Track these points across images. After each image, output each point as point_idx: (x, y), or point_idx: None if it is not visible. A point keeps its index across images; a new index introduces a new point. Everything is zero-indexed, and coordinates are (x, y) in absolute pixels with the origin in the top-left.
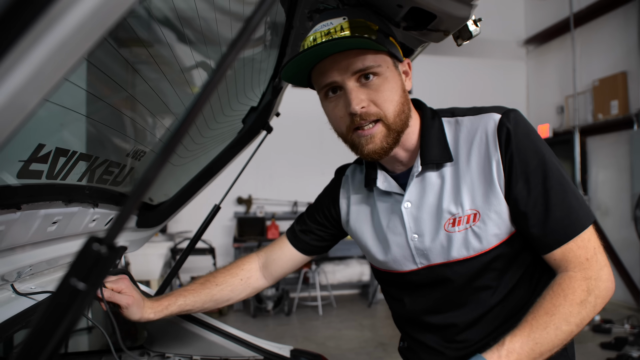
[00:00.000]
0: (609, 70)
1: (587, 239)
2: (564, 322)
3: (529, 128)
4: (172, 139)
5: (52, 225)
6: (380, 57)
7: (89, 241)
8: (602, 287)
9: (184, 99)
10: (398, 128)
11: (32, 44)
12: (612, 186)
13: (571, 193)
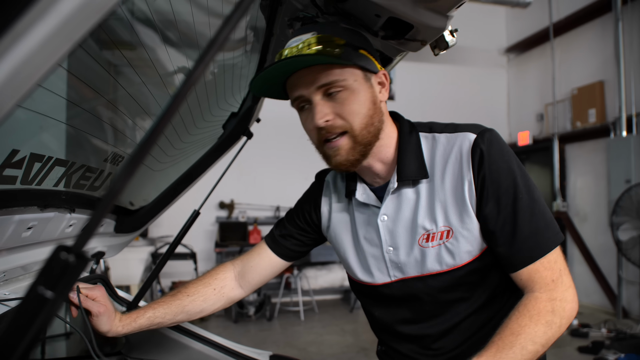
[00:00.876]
0: (587, 79)
1: (554, 261)
2: (530, 342)
3: (503, 149)
4: (140, 148)
5: (27, 230)
6: (346, 71)
7: (57, 250)
8: (567, 308)
9: (162, 102)
10: (365, 140)
11: (6, 49)
12: (590, 193)
13: (540, 215)
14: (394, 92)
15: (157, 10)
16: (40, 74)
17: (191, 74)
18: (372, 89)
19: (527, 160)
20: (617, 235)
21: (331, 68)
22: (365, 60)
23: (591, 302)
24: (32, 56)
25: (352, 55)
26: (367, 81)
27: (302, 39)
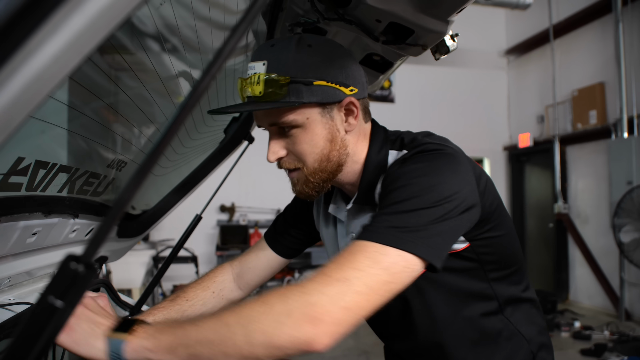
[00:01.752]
0: (588, 80)
1: (376, 264)
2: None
3: (424, 170)
4: (148, 159)
5: (32, 236)
6: (297, 111)
7: (67, 260)
8: (312, 321)
9: (164, 108)
10: (320, 178)
11: (19, 63)
12: (591, 194)
13: (425, 217)
14: (394, 94)
15: (161, 16)
16: (51, 86)
17: (198, 84)
18: (332, 123)
19: (528, 162)
20: (619, 237)
21: (279, 108)
22: (322, 92)
23: (593, 304)
24: (44, 70)
25: (302, 92)
26: (325, 115)
27: (255, 69)
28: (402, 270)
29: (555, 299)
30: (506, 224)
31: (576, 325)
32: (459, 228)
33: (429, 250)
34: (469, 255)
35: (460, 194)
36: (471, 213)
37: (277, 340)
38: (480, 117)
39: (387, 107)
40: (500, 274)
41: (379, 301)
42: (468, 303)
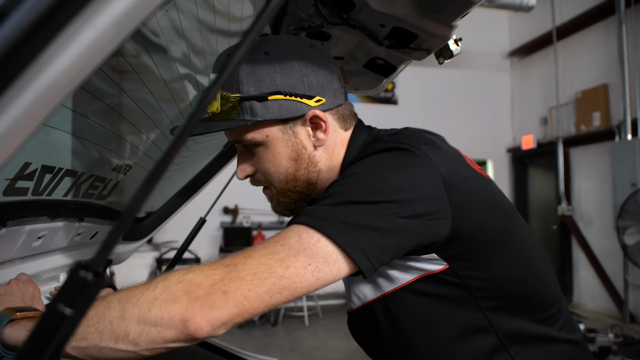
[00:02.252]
0: (591, 82)
1: (295, 251)
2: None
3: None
4: (157, 167)
5: (37, 240)
6: (253, 129)
7: (76, 268)
8: (200, 314)
9: (168, 113)
10: (290, 197)
11: (33, 76)
12: (595, 196)
13: (354, 212)
14: (397, 96)
15: (166, 21)
16: (63, 95)
17: (209, 91)
18: (295, 139)
19: (531, 164)
20: (623, 240)
21: (238, 127)
22: (279, 107)
23: (597, 306)
24: (57, 80)
25: (256, 109)
26: (287, 132)
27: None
28: (299, 254)
29: None
30: (517, 252)
31: (580, 328)
32: (402, 235)
33: (342, 237)
34: (451, 279)
35: (405, 194)
36: (427, 222)
37: (148, 315)
38: (484, 119)
39: (390, 109)
40: (499, 304)
41: (268, 291)
42: (455, 335)
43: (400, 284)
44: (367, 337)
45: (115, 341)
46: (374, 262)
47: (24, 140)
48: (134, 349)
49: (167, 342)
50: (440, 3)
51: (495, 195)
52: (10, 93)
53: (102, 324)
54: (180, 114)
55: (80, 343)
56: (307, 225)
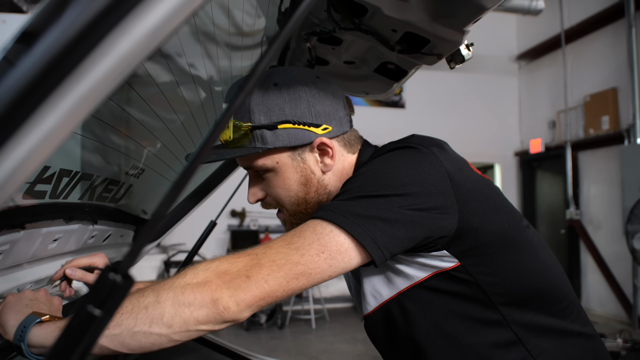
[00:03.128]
0: (600, 86)
1: (315, 244)
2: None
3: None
4: (183, 175)
5: (53, 242)
6: (264, 155)
7: (105, 270)
8: (232, 300)
9: (180, 117)
10: (300, 220)
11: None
12: (603, 200)
13: (375, 206)
14: (404, 100)
15: None
16: (94, 104)
17: (234, 100)
18: (304, 165)
19: (539, 168)
20: (632, 244)
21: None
22: (288, 135)
23: (606, 311)
24: (90, 93)
25: (266, 137)
26: (296, 158)
27: None
28: (313, 243)
29: None
30: (524, 249)
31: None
32: (410, 226)
33: (353, 227)
34: (463, 277)
35: (413, 188)
36: (434, 215)
37: (182, 297)
38: (491, 122)
39: (398, 113)
40: (511, 299)
41: (285, 275)
42: (471, 330)
43: (414, 281)
44: (384, 338)
45: (149, 324)
46: (385, 251)
47: (56, 148)
48: (167, 331)
49: (198, 322)
50: (453, 9)
51: (498, 196)
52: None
53: (137, 309)
54: (192, 117)
55: (114, 330)
56: (321, 218)
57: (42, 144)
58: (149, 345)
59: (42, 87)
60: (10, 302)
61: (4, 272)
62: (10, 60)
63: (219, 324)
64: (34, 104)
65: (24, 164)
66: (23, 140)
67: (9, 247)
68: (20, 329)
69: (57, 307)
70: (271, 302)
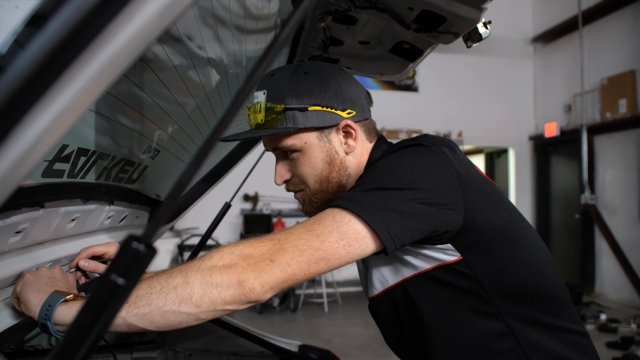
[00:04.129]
0: (618, 68)
1: (334, 235)
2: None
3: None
4: (208, 140)
5: (71, 222)
6: (294, 136)
7: (129, 239)
8: (259, 280)
9: (196, 98)
10: (322, 198)
11: (85, 62)
12: (619, 185)
13: (386, 197)
14: (417, 84)
15: (196, 9)
16: (109, 82)
17: (249, 79)
18: (330, 146)
19: (554, 152)
20: None
21: (279, 135)
22: (317, 117)
23: (620, 297)
24: (104, 69)
25: (297, 118)
26: (323, 139)
27: (258, 98)
28: (333, 230)
29: (580, 291)
30: (523, 248)
31: (602, 318)
32: (421, 219)
33: (370, 216)
34: (464, 271)
35: (424, 183)
36: (442, 210)
37: (210, 279)
38: (506, 106)
39: (411, 97)
40: (507, 294)
41: (306, 260)
42: (467, 319)
43: (418, 270)
44: (386, 318)
45: (178, 304)
46: (396, 241)
47: (72, 125)
48: (195, 310)
49: (225, 302)
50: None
51: (501, 197)
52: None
53: (167, 289)
54: (208, 100)
55: (144, 309)
56: (340, 207)
57: (58, 121)
58: (177, 323)
59: (54, 67)
60: (30, 280)
61: (24, 251)
62: (20, 44)
63: (244, 304)
64: (48, 82)
65: (41, 141)
66: (40, 116)
67: (28, 225)
68: (45, 308)
69: (72, 285)
70: (292, 285)
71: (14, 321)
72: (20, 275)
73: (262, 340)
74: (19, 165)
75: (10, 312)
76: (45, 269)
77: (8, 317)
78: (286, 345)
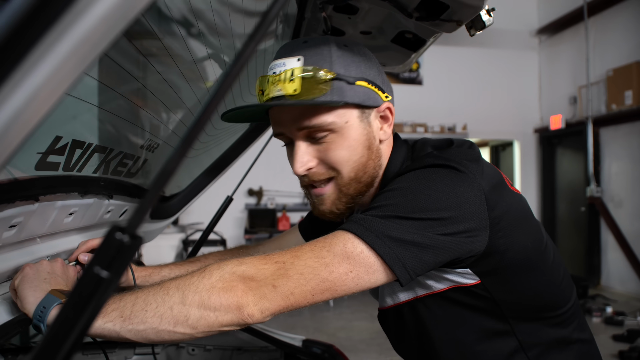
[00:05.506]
0: (623, 60)
1: (344, 257)
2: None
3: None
4: (193, 127)
5: (69, 216)
6: (336, 112)
7: (112, 230)
8: (260, 306)
9: (196, 92)
10: (354, 192)
11: (55, 39)
12: (625, 177)
13: (402, 228)
14: (422, 77)
15: (190, 0)
16: (86, 64)
17: (232, 68)
18: (369, 129)
19: (560, 144)
20: None
21: (316, 108)
22: (364, 93)
23: (626, 290)
24: (78, 47)
25: (345, 90)
26: (364, 120)
27: (286, 65)
28: (342, 261)
29: (586, 283)
30: (542, 269)
31: (608, 311)
32: (440, 252)
33: (385, 249)
34: (481, 293)
35: (449, 212)
36: (465, 239)
37: (208, 302)
38: (511, 98)
39: (415, 90)
40: (522, 313)
41: (311, 290)
42: (478, 338)
43: (432, 290)
44: (395, 331)
45: (174, 325)
46: (412, 274)
47: (49, 111)
48: (191, 332)
49: (222, 325)
50: None
51: (526, 212)
52: (36, 52)
53: (162, 308)
54: (208, 92)
55: (138, 326)
56: (354, 233)
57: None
58: (171, 341)
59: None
60: (29, 275)
61: (20, 245)
62: None
63: (241, 326)
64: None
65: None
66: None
67: (23, 219)
68: (39, 309)
69: (73, 279)
70: (293, 310)
71: (9, 317)
72: (20, 269)
73: (266, 335)
74: None
75: (5, 307)
76: (46, 262)
77: (3, 313)
78: (290, 340)
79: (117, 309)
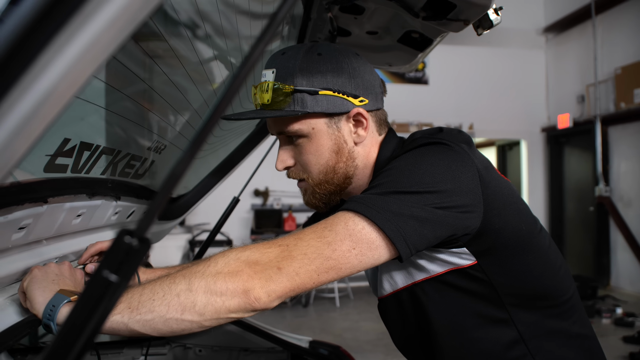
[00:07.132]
0: (632, 57)
1: (343, 228)
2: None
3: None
4: (202, 130)
5: (77, 218)
6: (302, 120)
7: (121, 234)
8: (262, 290)
9: (203, 93)
10: (325, 190)
11: (64, 42)
12: (634, 176)
13: (402, 202)
14: (427, 76)
15: (196, 3)
16: (95, 66)
17: (240, 70)
18: (339, 134)
19: (567, 143)
20: None
21: (284, 117)
22: (327, 102)
23: (636, 290)
24: (87, 50)
25: (306, 101)
26: (332, 126)
27: (266, 76)
28: (345, 239)
29: (595, 284)
30: (537, 252)
31: (618, 312)
32: (438, 225)
33: (386, 223)
34: (478, 275)
35: (445, 186)
36: (461, 214)
37: (214, 286)
38: (518, 98)
39: (421, 89)
40: (519, 300)
41: (316, 269)
42: (477, 325)
43: (430, 274)
44: (395, 320)
45: (182, 312)
46: (412, 249)
47: (59, 114)
48: (199, 319)
49: (230, 311)
50: None
51: (517, 198)
52: (49, 52)
53: (169, 296)
54: (214, 93)
55: (146, 316)
56: (354, 211)
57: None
58: (180, 330)
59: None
60: (37, 277)
61: (29, 247)
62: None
63: (249, 313)
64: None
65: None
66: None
67: (32, 221)
68: (49, 308)
69: (80, 281)
70: (300, 293)
71: (18, 318)
72: (28, 271)
73: (273, 336)
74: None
75: (15, 309)
76: (53, 264)
77: (13, 314)
78: (296, 341)
79: (125, 300)
